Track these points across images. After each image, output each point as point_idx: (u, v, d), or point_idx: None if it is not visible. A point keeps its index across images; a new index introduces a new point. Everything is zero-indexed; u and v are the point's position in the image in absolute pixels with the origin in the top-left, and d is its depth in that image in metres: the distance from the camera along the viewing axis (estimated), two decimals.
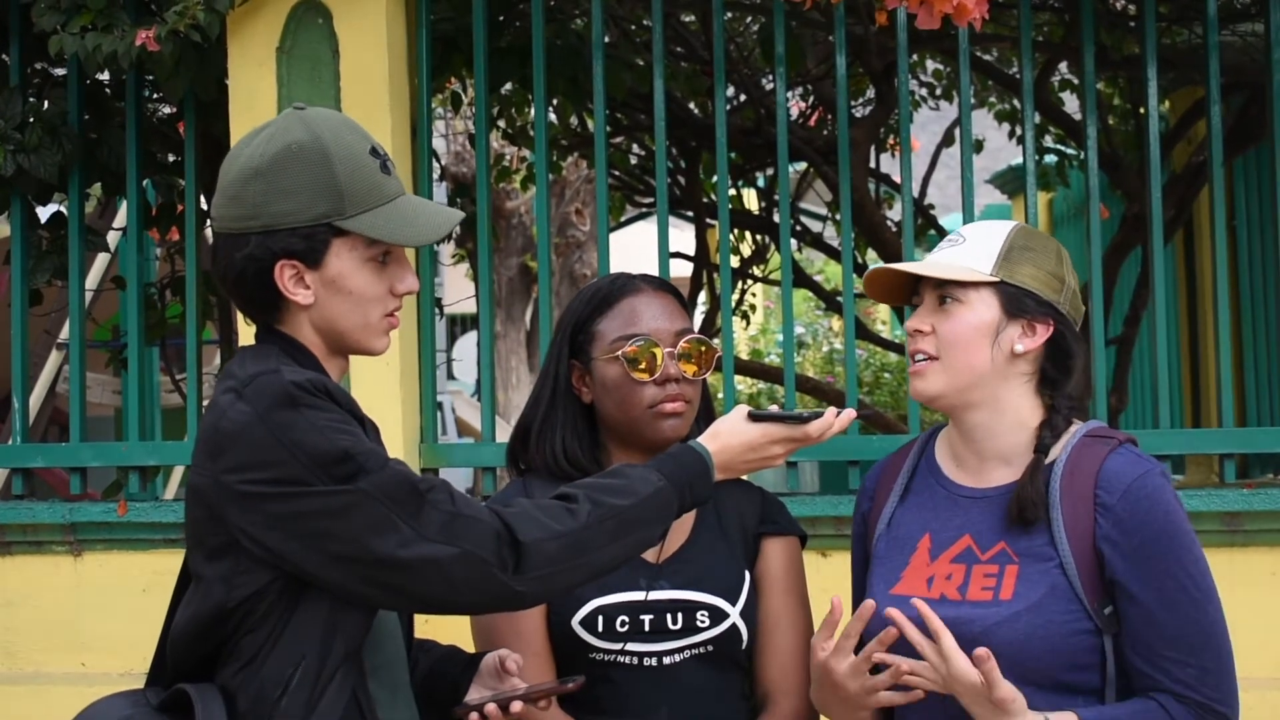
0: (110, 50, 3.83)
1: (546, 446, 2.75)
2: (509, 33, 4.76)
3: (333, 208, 2.28)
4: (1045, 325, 2.48)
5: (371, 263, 2.32)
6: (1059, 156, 7.52)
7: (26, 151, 4.08)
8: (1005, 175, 10.20)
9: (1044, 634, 2.37)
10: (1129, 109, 6.80)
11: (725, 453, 2.45)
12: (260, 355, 2.30)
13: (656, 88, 4.03)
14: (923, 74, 7.50)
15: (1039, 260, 2.50)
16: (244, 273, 2.29)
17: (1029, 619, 2.37)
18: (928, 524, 2.54)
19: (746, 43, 6.51)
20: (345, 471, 2.17)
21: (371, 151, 2.32)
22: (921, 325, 2.50)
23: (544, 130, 4.11)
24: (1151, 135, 3.93)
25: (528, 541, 2.22)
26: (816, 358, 13.74)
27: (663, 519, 2.37)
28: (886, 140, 7.21)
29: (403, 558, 2.17)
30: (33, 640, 4.08)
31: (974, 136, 4.33)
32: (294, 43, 3.90)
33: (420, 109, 4.07)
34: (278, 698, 2.21)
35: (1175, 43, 5.86)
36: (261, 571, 2.22)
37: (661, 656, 2.65)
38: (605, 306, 2.75)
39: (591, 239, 12.76)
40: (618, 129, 6.45)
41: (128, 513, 3.99)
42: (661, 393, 2.68)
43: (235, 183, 2.29)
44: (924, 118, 7.32)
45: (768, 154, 6.45)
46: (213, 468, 2.22)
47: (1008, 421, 2.50)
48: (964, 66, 3.99)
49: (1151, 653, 2.37)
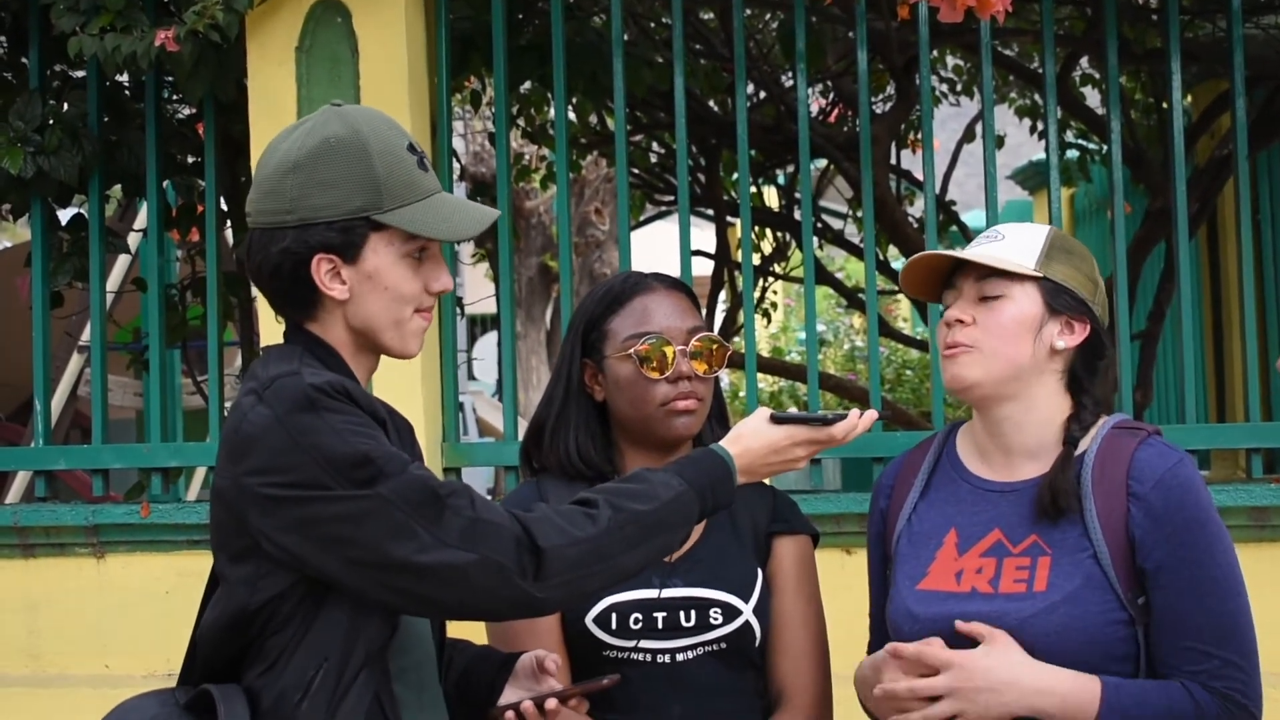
0: (129, 51, 3.82)
1: (560, 445, 2.75)
2: (528, 31, 4.75)
3: (370, 201, 2.26)
4: (1083, 324, 2.49)
5: (408, 259, 2.31)
6: (1080, 151, 7.49)
7: (46, 154, 4.08)
8: (1025, 171, 10.18)
9: (1080, 625, 2.37)
10: (1151, 103, 6.77)
11: (747, 455, 2.43)
12: (283, 356, 2.29)
13: (677, 85, 4.02)
14: (943, 70, 7.48)
15: (1076, 262, 2.52)
16: (279, 267, 2.28)
17: (1066, 610, 2.38)
18: (952, 519, 2.53)
19: (766, 39, 6.49)
20: (364, 476, 2.16)
21: (409, 148, 2.31)
22: (963, 315, 2.49)
23: (564, 128, 4.10)
24: (1175, 129, 3.91)
25: (548, 548, 2.20)
26: (837, 355, 13.72)
27: (684, 524, 2.35)
28: (906, 137, 7.19)
29: (421, 563, 2.16)
30: (56, 643, 4.08)
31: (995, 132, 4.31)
32: (313, 42, 3.90)
33: (440, 108, 4.06)
34: (299, 700, 2.20)
35: (1197, 36, 5.83)
36: (283, 574, 2.21)
37: (675, 654, 2.64)
38: (617, 305, 2.74)
39: (610, 238, 12.75)
40: (637, 127, 6.44)
41: (150, 514, 3.99)
42: (674, 390, 2.67)
43: (272, 176, 2.28)
44: (943, 114, 7.29)
45: (787, 151, 6.44)
46: (234, 470, 2.22)
47: (1037, 416, 2.50)
48: (986, 60, 3.97)
49: (1179, 640, 2.37)
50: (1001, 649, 2.37)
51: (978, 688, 2.36)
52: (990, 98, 4.04)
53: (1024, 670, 2.36)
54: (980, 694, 2.36)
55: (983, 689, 2.36)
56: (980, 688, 2.36)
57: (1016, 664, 2.36)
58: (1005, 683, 2.36)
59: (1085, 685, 2.36)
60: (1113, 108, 4.00)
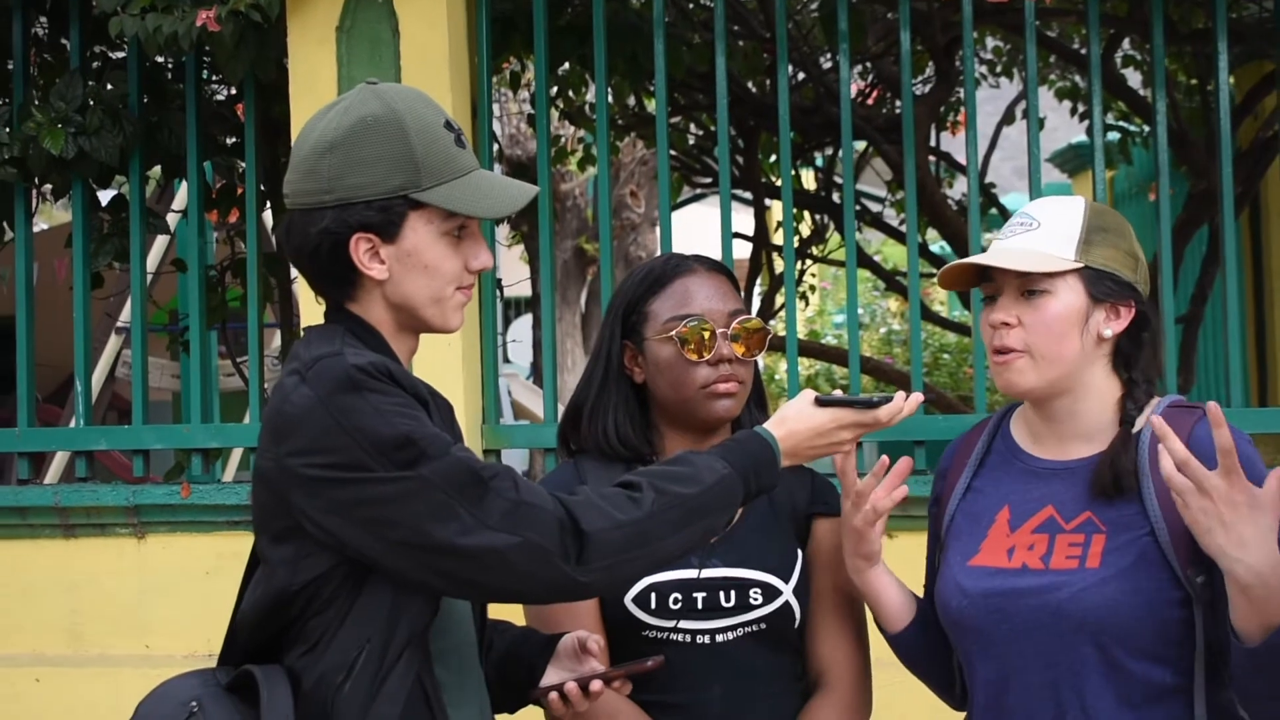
0: (171, 31, 3.83)
1: (598, 427, 2.74)
2: (568, 12, 4.74)
3: (409, 180, 2.25)
4: (1128, 306, 2.46)
5: (447, 237, 2.30)
6: (1121, 133, 7.44)
7: (87, 134, 4.09)
8: (1065, 153, 10.11)
9: (1132, 601, 2.34)
10: (1194, 84, 6.72)
11: (792, 439, 2.41)
12: (325, 336, 2.28)
13: (719, 66, 4.00)
14: (982, 51, 7.44)
15: (1115, 240, 2.47)
16: (319, 248, 2.26)
17: (1117, 585, 2.35)
18: (1006, 497, 2.51)
19: (805, 21, 6.46)
20: (406, 457, 2.14)
21: (446, 125, 2.30)
22: (1008, 318, 2.45)
23: (604, 109, 4.09)
24: (1222, 110, 3.88)
25: (591, 531, 2.19)
26: (874, 338, 13.68)
27: (728, 507, 2.34)
28: (946, 119, 7.15)
29: (463, 546, 2.14)
30: (97, 623, 4.10)
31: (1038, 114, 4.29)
32: (354, 22, 3.89)
33: (480, 88, 4.05)
34: (341, 681, 2.19)
35: (1241, 16, 5.78)
36: (325, 555, 2.20)
37: (714, 634, 2.64)
38: (658, 287, 2.73)
39: (647, 221, 12.73)
40: (675, 109, 6.42)
41: (191, 495, 3.99)
42: (714, 373, 2.66)
43: (310, 157, 2.27)
44: (981, 96, 7.24)
45: (826, 133, 6.41)
46: (276, 451, 2.21)
47: (1090, 403, 2.48)
48: (1030, 40, 3.94)
49: None
50: (1269, 506, 2.22)
51: (1240, 507, 2.21)
52: (1034, 79, 4.01)
53: (1271, 532, 2.21)
54: (1236, 511, 2.21)
55: (1241, 514, 2.21)
56: (1242, 510, 2.21)
57: (1271, 526, 2.21)
58: (1258, 527, 2.21)
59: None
60: (1158, 89, 3.96)
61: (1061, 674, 2.39)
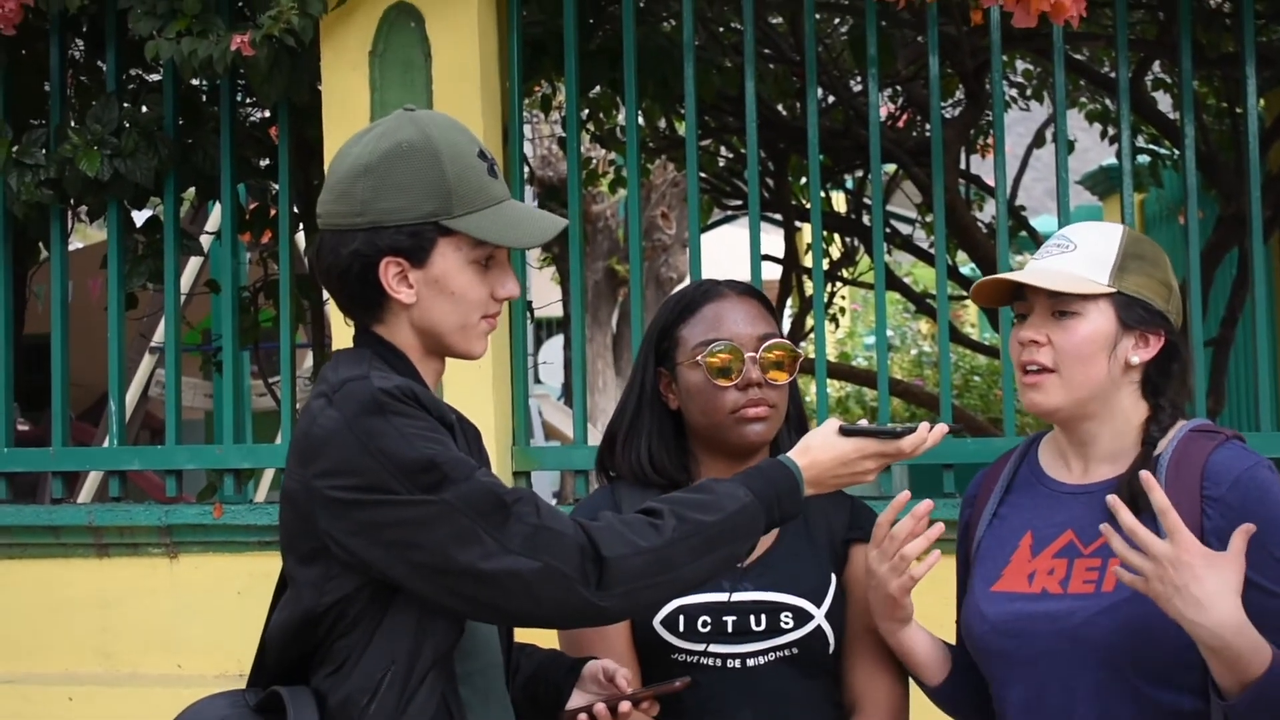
0: (205, 55, 3.86)
1: (633, 454, 2.74)
2: (599, 35, 4.76)
3: (440, 207, 2.27)
4: (1157, 336, 2.47)
5: (475, 265, 2.32)
6: (1151, 156, 7.43)
7: (123, 156, 4.13)
8: (1095, 176, 10.08)
9: (1144, 624, 2.33)
10: (1223, 108, 6.71)
11: (815, 467, 2.42)
12: (353, 360, 2.30)
13: (748, 89, 4.02)
14: (1012, 74, 7.44)
15: (1149, 269, 2.47)
16: (348, 269, 2.29)
17: (1128, 609, 2.34)
18: (1029, 522, 2.52)
19: (835, 44, 6.47)
20: (430, 480, 2.16)
21: (480, 154, 2.32)
22: (1037, 336, 2.46)
23: (635, 132, 4.11)
24: (1251, 133, 3.88)
25: (611, 557, 2.20)
26: (904, 360, 13.64)
27: (750, 535, 2.35)
28: (975, 142, 7.15)
29: (485, 570, 2.16)
30: (129, 642, 4.12)
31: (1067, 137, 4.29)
32: (386, 46, 3.92)
33: (511, 111, 4.07)
34: (366, 703, 2.21)
35: (1271, 40, 5.77)
36: (351, 577, 2.22)
37: (745, 658, 2.63)
38: (689, 312, 2.73)
39: (677, 242, 12.74)
40: (706, 131, 6.43)
41: (223, 515, 4.02)
42: (744, 398, 2.66)
43: (344, 179, 2.30)
44: (1011, 119, 7.24)
45: (856, 156, 6.42)
46: (304, 473, 2.23)
47: (1116, 426, 2.48)
48: (1059, 65, 3.95)
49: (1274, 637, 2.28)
50: (1224, 564, 2.22)
51: (1192, 568, 2.20)
52: (1063, 102, 4.01)
53: (1231, 590, 2.21)
54: (1189, 573, 2.20)
55: (1194, 575, 2.20)
56: (1196, 570, 2.20)
57: (1229, 584, 2.21)
58: (1214, 586, 2.20)
59: (1262, 645, 2.24)
60: (1186, 112, 3.97)
61: (1080, 698, 2.39)
